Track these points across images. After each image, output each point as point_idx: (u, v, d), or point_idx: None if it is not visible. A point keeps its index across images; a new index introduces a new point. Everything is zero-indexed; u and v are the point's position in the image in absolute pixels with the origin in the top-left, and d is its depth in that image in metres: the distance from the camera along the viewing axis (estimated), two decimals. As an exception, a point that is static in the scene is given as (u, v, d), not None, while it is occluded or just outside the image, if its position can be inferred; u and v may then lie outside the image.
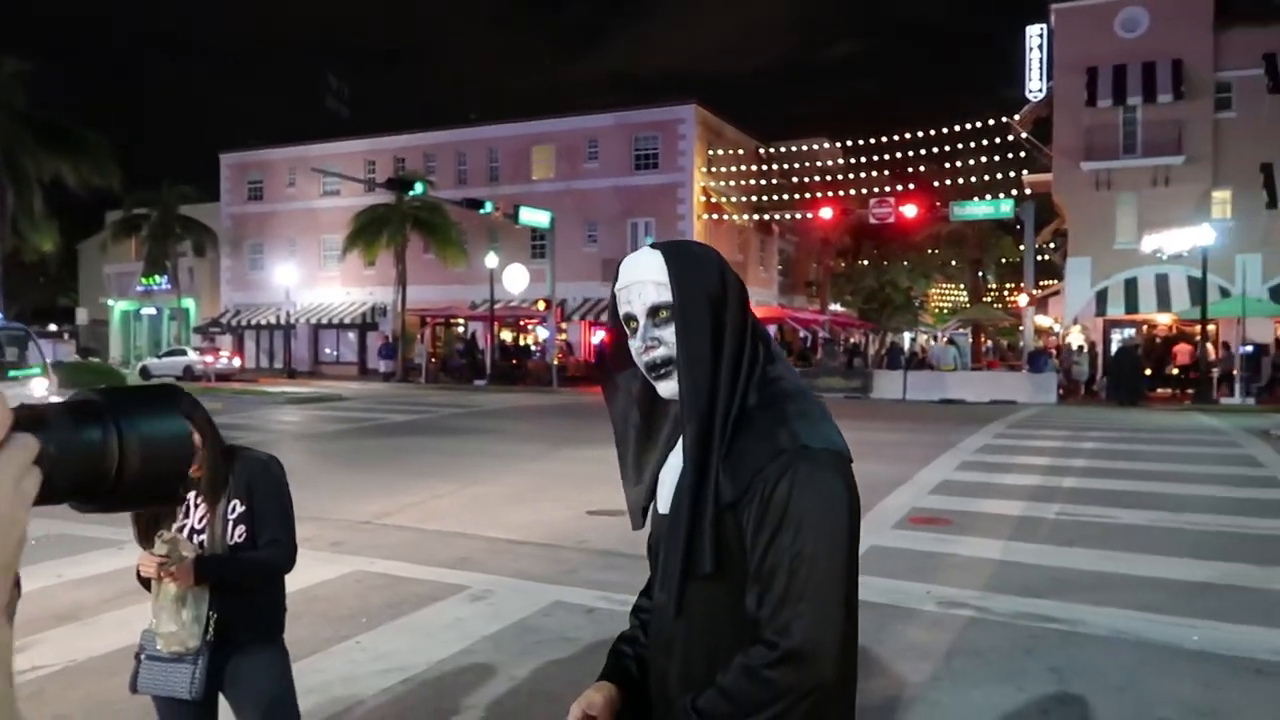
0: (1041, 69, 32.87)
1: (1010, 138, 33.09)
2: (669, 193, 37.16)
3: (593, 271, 37.58)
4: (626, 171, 37.92)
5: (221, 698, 2.74)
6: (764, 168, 40.54)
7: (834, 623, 1.36)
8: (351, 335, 43.01)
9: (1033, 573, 6.79)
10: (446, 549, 7.43)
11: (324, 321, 42.25)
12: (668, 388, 1.50)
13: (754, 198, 39.79)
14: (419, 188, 28.51)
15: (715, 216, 37.96)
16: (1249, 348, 25.07)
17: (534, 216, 32.61)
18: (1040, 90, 32.94)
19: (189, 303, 46.47)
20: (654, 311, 1.49)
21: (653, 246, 1.55)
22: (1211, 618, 5.74)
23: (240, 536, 2.69)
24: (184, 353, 37.91)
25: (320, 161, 40.66)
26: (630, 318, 1.53)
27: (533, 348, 39.04)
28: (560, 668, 4.85)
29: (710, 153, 38.42)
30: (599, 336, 38.97)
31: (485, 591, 6.23)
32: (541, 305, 34.83)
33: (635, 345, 1.53)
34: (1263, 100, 27.74)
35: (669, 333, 1.48)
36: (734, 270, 1.56)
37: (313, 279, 42.79)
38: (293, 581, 2.92)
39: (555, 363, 31.83)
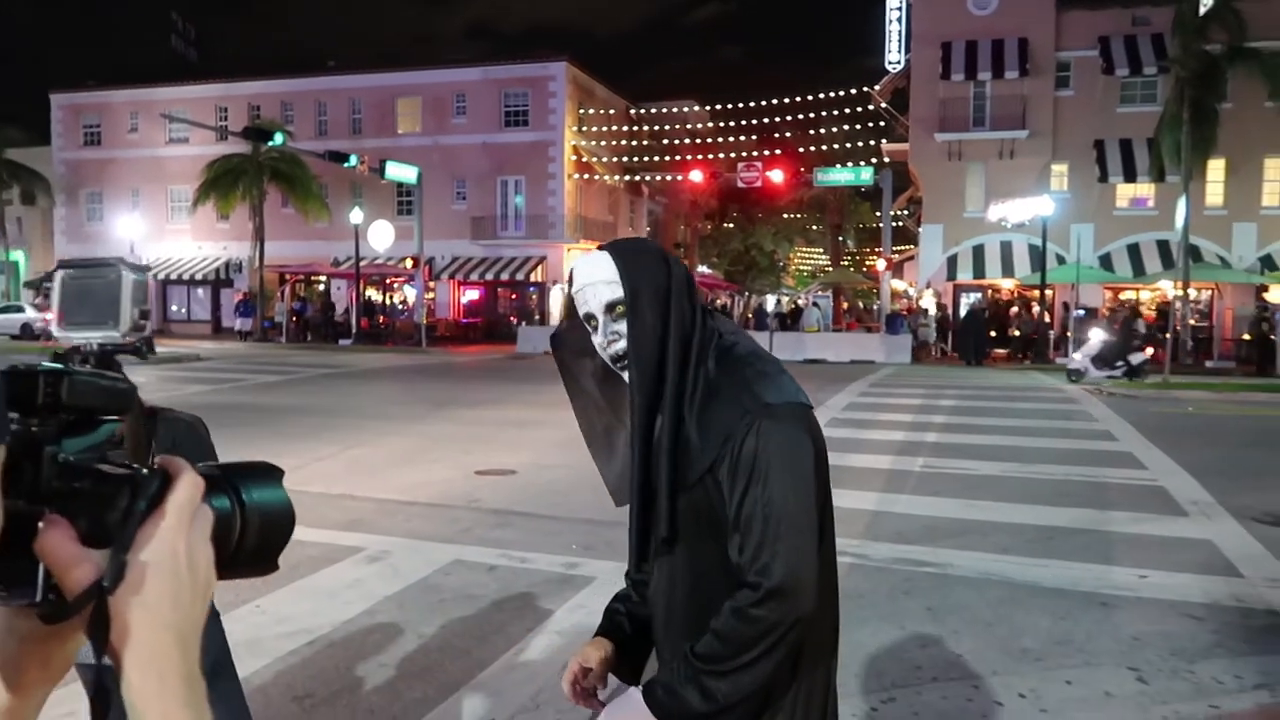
0: (900, 41, 34.09)
1: (870, 107, 34.30)
2: (540, 151, 36.79)
3: (462, 229, 36.96)
4: (496, 128, 37.29)
5: None
6: (634, 129, 40.66)
7: (809, 559, 1.51)
8: (201, 292, 40.93)
9: (905, 521, 7.27)
10: (337, 511, 7.33)
11: (173, 277, 40.01)
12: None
13: (624, 158, 39.89)
14: (279, 138, 27.25)
15: (586, 176, 37.88)
16: (1081, 311, 27.05)
17: (401, 172, 31.71)
18: (899, 62, 34.19)
19: (18, 255, 43.07)
20: (610, 308, 1.62)
21: (600, 248, 1.68)
22: (1062, 558, 6.32)
23: None
24: (20, 309, 35.19)
25: (166, 106, 38.24)
26: (590, 316, 1.65)
27: (399, 306, 38.20)
28: (468, 624, 4.93)
29: (581, 111, 38.21)
30: (469, 296, 38.49)
31: (382, 552, 6.21)
32: (409, 263, 34.06)
33: (599, 341, 1.65)
34: (1098, 80, 29.72)
35: (625, 326, 1.61)
36: (678, 258, 1.71)
37: (160, 232, 40.37)
38: None
39: (424, 322, 31.25)
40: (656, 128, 41.31)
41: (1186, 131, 23.71)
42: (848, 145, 35.72)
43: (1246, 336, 25.88)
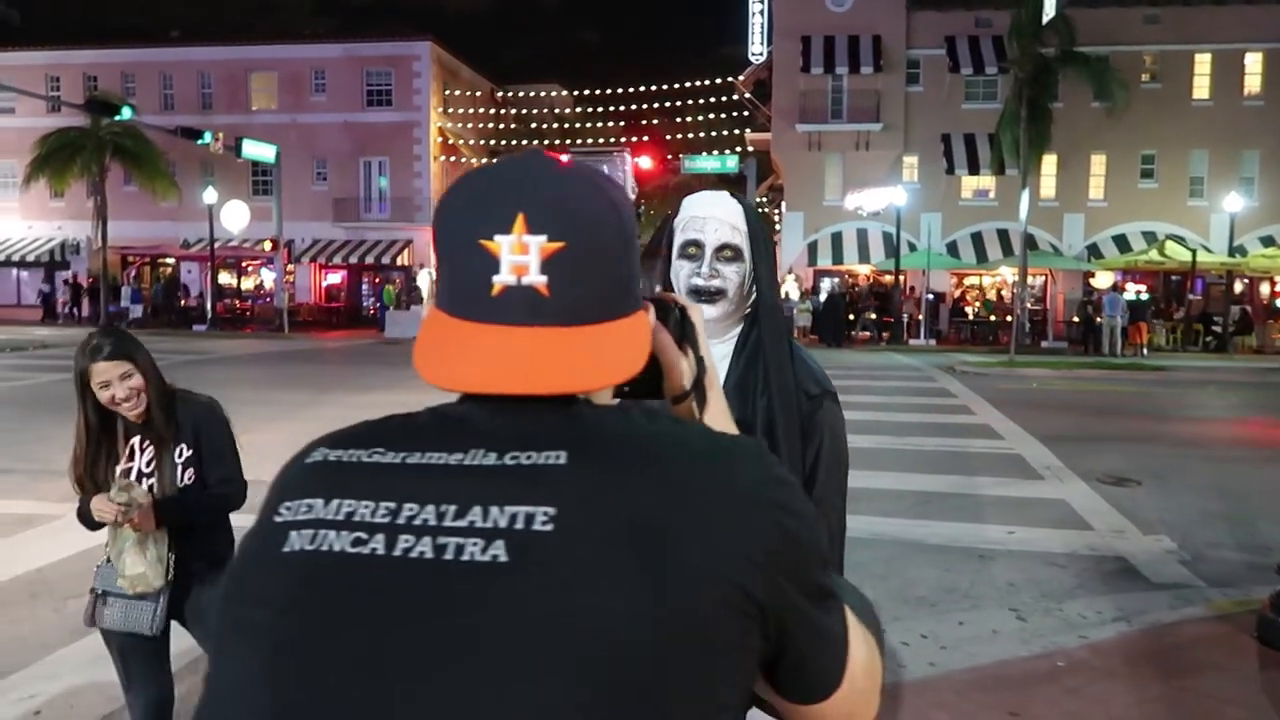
0: (763, 34, 35.18)
1: (734, 97, 35.29)
2: (404, 132, 36.08)
3: (323, 211, 35.88)
4: (358, 107, 36.31)
5: (176, 627, 2.83)
6: (500, 111, 40.39)
7: (840, 528, 1.76)
8: (25, 274, 38.05)
9: (798, 491, 7.80)
10: (252, 496, 7.25)
11: None
12: (711, 311, 1.73)
13: (490, 141, 39.59)
14: (126, 111, 25.67)
15: (452, 159, 37.41)
16: (930, 296, 28.84)
17: (258, 150, 30.45)
18: (761, 54, 35.28)
19: None
20: (721, 248, 1.71)
21: (729, 192, 1.82)
22: (940, 519, 6.99)
23: (189, 479, 2.76)
24: None
25: (-11, 74, 35.38)
26: (695, 244, 1.72)
27: (256, 291, 36.79)
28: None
29: (446, 92, 37.66)
30: (332, 280, 37.41)
31: (303, 534, 6.24)
32: (268, 245, 32.83)
33: (688, 268, 1.72)
34: (945, 78, 31.58)
35: (730, 269, 1.71)
36: None
37: (-18, 209, 37.39)
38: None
39: (286, 306, 30.25)
40: (522, 111, 41.18)
41: (1024, 128, 25.58)
42: (713, 134, 36.62)
43: (1075, 319, 28.22)
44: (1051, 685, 4.02)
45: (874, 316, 28.97)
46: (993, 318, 29.70)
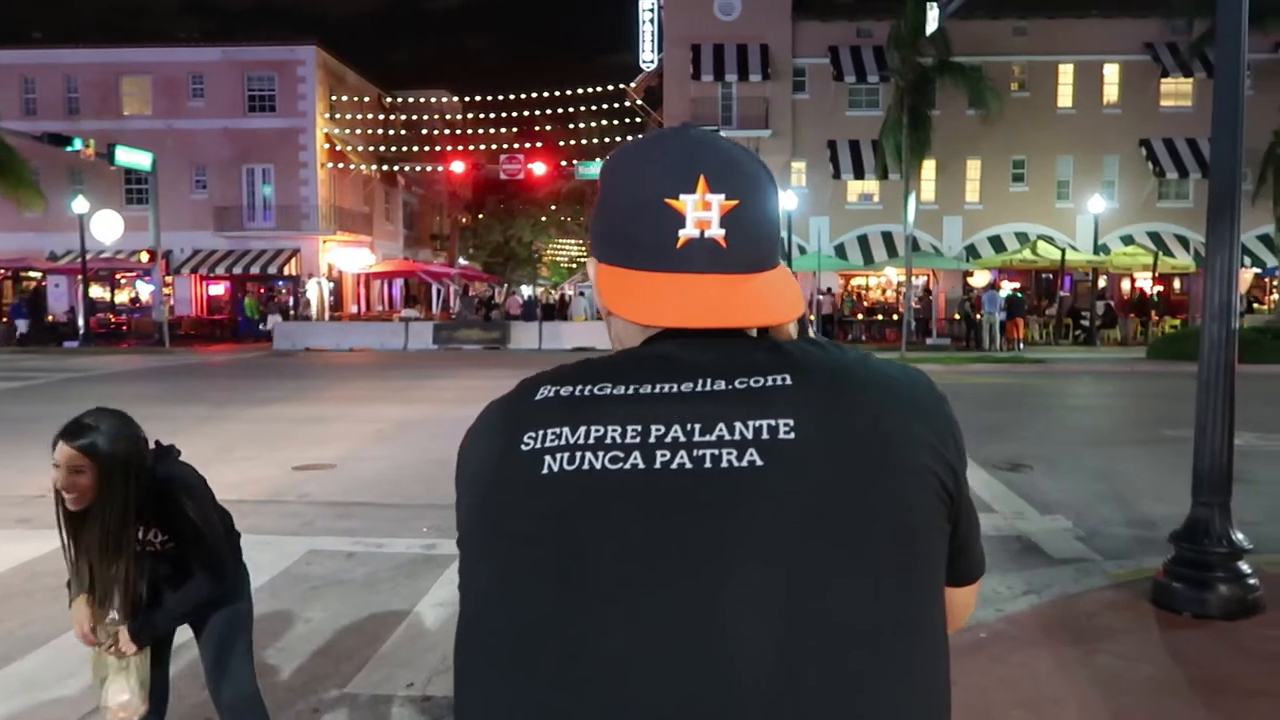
0: (654, 41, 35.62)
1: (627, 103, 35.63)
2: (289, 138, 35.05)
3: (203, 220, 34.56)
4: (239, 113, 35.10)
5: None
6: (388, 117, 39.71)
7: None
8: None
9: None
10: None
11: None
12: None
13: (379, 148, 38.87)
14: (-13, 118, 24.21)
15: (340, 165, 36.58)
16: (822, 296, 29.72)
17: (133, 158, 29.10)
18: (652, 61, 35.72)
19: None
20: None
21: None
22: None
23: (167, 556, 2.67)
24: None
25: None
26: None
27: (131, 304, 35.14)
28: (350, 605, 5.06)
29: (333, 98, 36.79)
30: (215, 291, 36.03)
31: (227, 550, 6.09)
32: (145, 256, 31.41)
33: None
34: (830, 86, 32.63)
35: None
36: None
37: None
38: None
39: (166, 320, 28.97)
40: (411, 117, 40.55)
41: (906, 135, 26.65)
42: (605, 140, 36.82)
43: (956, 316, 29.55)
44: (979, 654, 4.30)
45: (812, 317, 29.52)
46: (860, 316, 31.00)
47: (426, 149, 38.45)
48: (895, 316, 26.94)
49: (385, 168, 38.78)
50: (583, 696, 0.77)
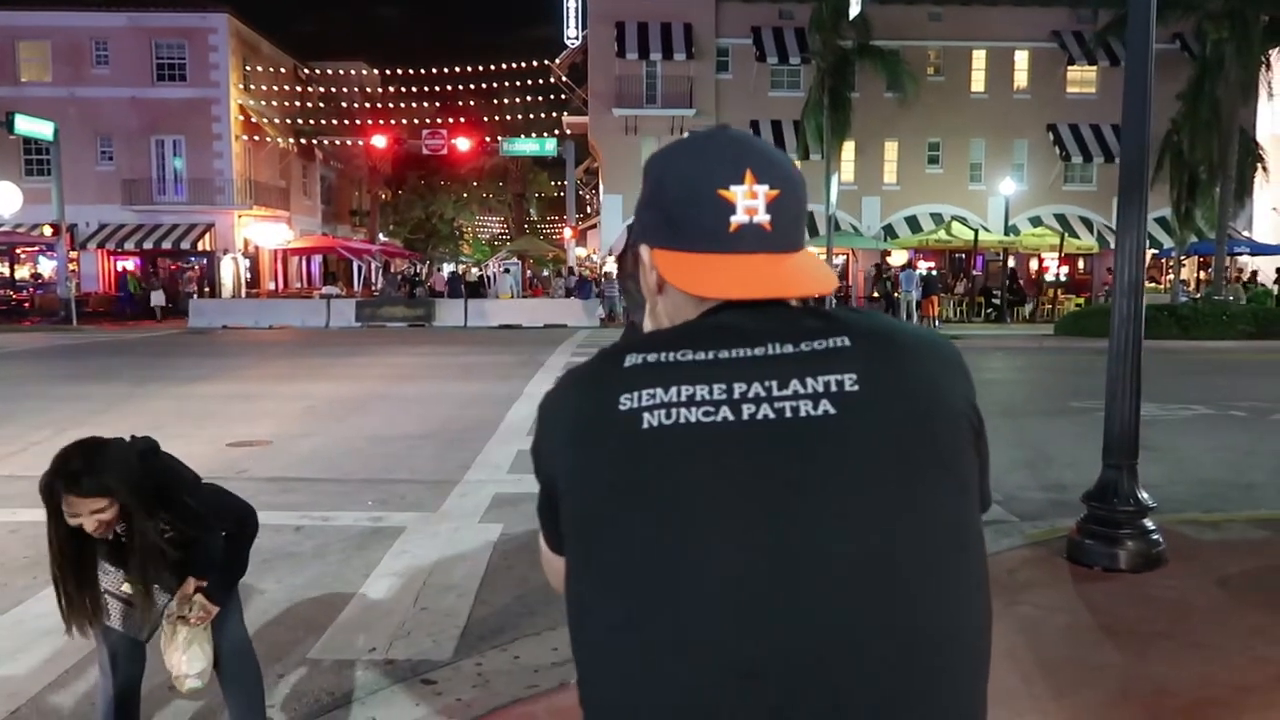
0: (578, 17, 35.47)
1: (552, 80, 35.42)
2: (201, 109, 33.90)
3: (110, 193, 33.28)
4: (147, 82, 33.80)
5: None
6: (304, 89, 38.71)
7: None
8: None
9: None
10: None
11: None
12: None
13: (296, 120, 37.88)
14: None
15: (255, 138, 35.55)
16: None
17: (33, 126, 27.87)
18: (576, 37, 35.58)
19: None
20: None
21: None
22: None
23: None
24: None
25: None
26: None
27: (32, 280, 33.66)
28: (303, 577, 5.11)
29: (247, 68, 35.68)
30: (124, 266, 34.76)
31: (169, 526, 6.05)
32: (48, 230, 30.13)
33: None
34: (752, 66, 32.98)
35: None
36: None
37: None
38: None
39: (72, 296, 27.89)
40: (328, 89, 39.62)
41: (826, 116, 27.17)
42: (530, 116, 36.62)
43: (875, 295, 30.33)
44: (912, 608, 4.59)
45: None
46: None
47: (345, 122, 37.60)
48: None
49: (303, 141, 37.83)
50: (698, 619, 0.90)
